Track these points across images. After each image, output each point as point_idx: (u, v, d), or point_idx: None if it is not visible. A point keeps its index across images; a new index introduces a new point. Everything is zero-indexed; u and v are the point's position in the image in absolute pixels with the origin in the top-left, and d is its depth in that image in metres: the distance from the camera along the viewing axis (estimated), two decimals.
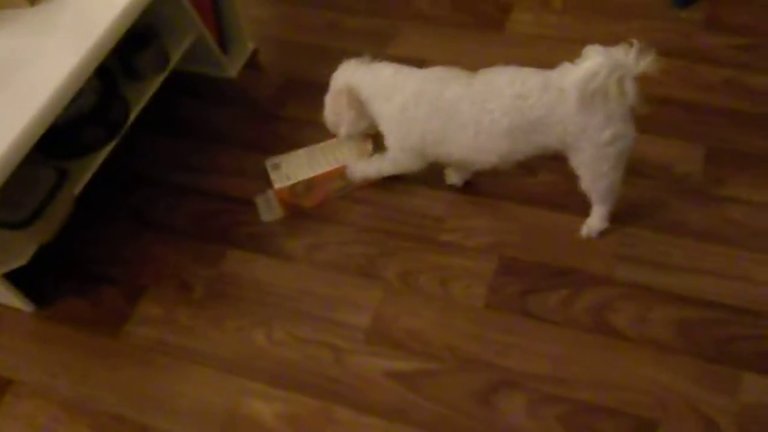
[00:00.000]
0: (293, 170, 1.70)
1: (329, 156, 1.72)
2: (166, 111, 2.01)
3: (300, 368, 1.50)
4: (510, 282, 1.58)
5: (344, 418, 1.42)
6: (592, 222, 1.60)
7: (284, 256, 1.68)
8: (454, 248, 1.64)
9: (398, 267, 1.62)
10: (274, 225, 1.73)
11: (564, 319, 1.51)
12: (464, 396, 1.42)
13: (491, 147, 1.46)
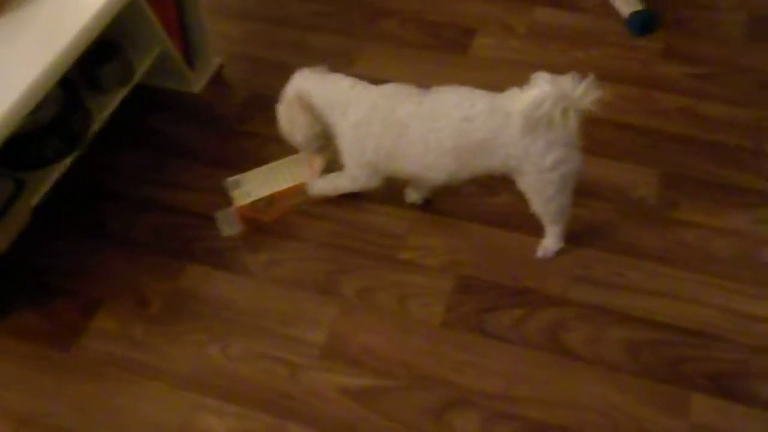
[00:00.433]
0: (254, 188, 1.71)
1: (287, 173, 1.74)
2: (130, 124, 2.00)
3: (255, 384, 1.49)
4: (467, 301, 1.59)
5: None
6: (548, 243, 1.63)
7: (243, 272, 1.68)
8: (413, 266, 1.65)
9: (356, 284, 1.63)
10: (234, 240, 1.73)
11: (518, 338, 1.52)
12: (418, 413, 1.43)
13: (439, 165, 1.48)
